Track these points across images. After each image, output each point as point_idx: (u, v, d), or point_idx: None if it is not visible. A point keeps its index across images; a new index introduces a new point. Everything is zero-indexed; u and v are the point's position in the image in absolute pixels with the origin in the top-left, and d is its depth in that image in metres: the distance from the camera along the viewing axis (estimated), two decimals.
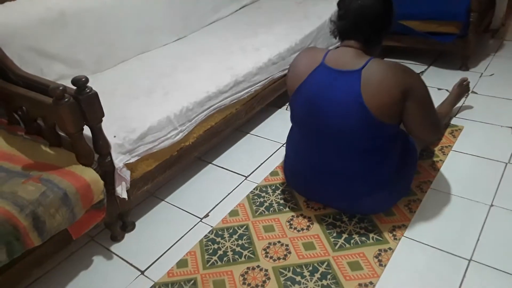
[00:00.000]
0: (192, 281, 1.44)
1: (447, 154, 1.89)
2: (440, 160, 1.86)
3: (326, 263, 1.44)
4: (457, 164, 1.84)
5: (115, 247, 1.62)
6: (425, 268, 1.40)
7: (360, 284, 1.36)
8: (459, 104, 2.23)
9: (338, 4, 1.47)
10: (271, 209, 1.71)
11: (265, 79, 2.13)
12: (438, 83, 2.46)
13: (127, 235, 1.67)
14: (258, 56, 2.12)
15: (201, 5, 2.55)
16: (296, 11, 2.64)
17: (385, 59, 1.45)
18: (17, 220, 1.19)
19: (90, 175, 1.38)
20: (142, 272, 1.51)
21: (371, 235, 1.53)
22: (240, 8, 2.81)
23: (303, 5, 2.73)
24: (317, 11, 2.60)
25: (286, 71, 2.27)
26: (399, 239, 1.50)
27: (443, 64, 2.70)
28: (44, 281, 1.51)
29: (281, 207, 1.72)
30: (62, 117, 1.34)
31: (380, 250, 1.47)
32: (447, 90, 2.32)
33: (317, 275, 1.40)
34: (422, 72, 2.63)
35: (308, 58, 1.51)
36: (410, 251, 1.46)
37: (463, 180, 1.74)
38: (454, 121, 2.12)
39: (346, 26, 1.44)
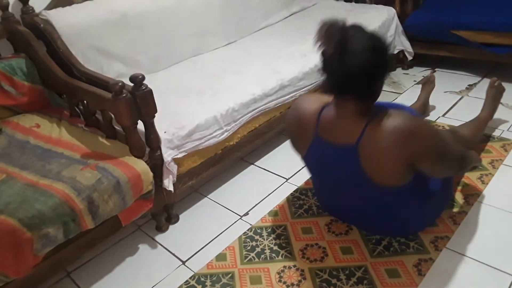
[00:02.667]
0: (230, 275, 1.49)
1: (497, 168, 1.82)
2: (490, 173, 1.80)
3: (363, 268, 1.44)
4: (507, 178, 1.77)
5: (159, 237, 1.71)
6: (466, 281, 1.36)
7: None
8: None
9: (321, 59, 1.26)
10: (310, 211, 1.73)
11: (310, 84, 2.16)
12: None
13: (171, 227, 1.75)
14: (304, 61, 2.15)
15: (252, 11, 2.62)
16: (346, 19, 2.63)
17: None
18: (74, 203, 1.30)
19: (141, 166, 1.47)
20: (184, 262, 1.58)
21: (411, 244, 1.51)
22: (289, 15, 2.86)
23: (353, 12, 2.73)
24: (367, 19, 2.59)
25: None
26: (441, 250, 1.47)
27: (497, 76, 2.55)
28: (93, 264, 1.62)
29: (320, 210, 1.73)
30: (120, 111, 1.45)
31: (420, 259, 1.44)
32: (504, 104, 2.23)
33: (354, 279, 1.41)
34: (475, 84, 2.54)
35: (301, 125, 1.42)
36: (451, 263, 1.43)
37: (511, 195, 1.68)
38: (506, 134, 2.04)
39: (336, 86, 1.27)
